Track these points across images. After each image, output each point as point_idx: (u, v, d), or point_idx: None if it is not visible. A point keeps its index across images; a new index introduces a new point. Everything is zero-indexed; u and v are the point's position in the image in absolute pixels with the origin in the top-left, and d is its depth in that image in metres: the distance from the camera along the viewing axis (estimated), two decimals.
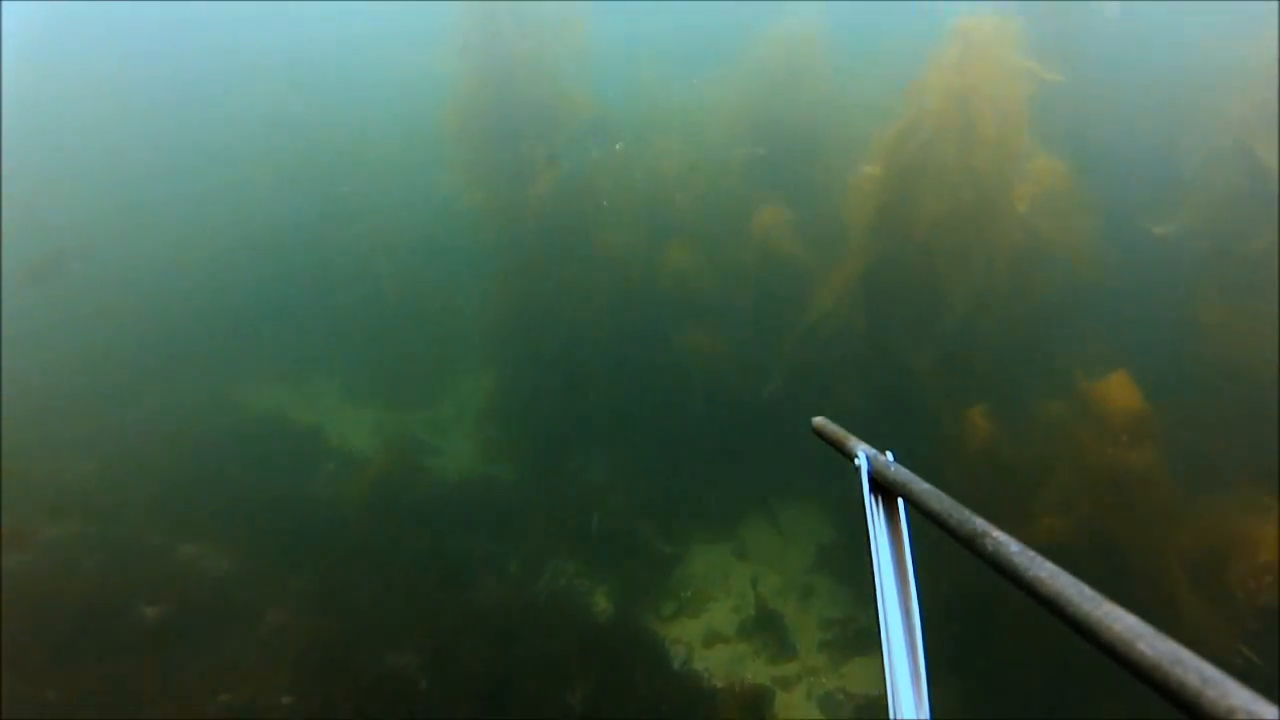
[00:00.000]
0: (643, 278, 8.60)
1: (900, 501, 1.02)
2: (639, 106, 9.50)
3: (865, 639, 6.81)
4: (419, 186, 9.98)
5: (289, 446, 9.28)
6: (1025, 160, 7.22)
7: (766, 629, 7.04)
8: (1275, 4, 7.74)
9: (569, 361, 8.79)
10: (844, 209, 7.88)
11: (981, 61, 6.86)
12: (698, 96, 9.01)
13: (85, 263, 10.50)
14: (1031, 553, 0.71)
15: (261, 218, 10.51)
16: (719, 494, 8.10)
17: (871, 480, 1.06)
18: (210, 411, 9.49)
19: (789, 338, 7.82)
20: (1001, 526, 0.77)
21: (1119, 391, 5.82)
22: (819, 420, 1.33)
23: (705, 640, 6.99)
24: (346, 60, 11.80)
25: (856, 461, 1.10)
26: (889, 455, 1.08)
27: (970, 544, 0.79)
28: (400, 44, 10.38)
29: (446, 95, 9.17)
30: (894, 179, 7.34)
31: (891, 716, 0.90)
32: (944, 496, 0.89)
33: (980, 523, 0.79)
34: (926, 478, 0.96)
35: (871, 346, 7.63)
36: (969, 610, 5.65)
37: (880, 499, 1.05)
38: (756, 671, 6.69)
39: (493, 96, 8.94)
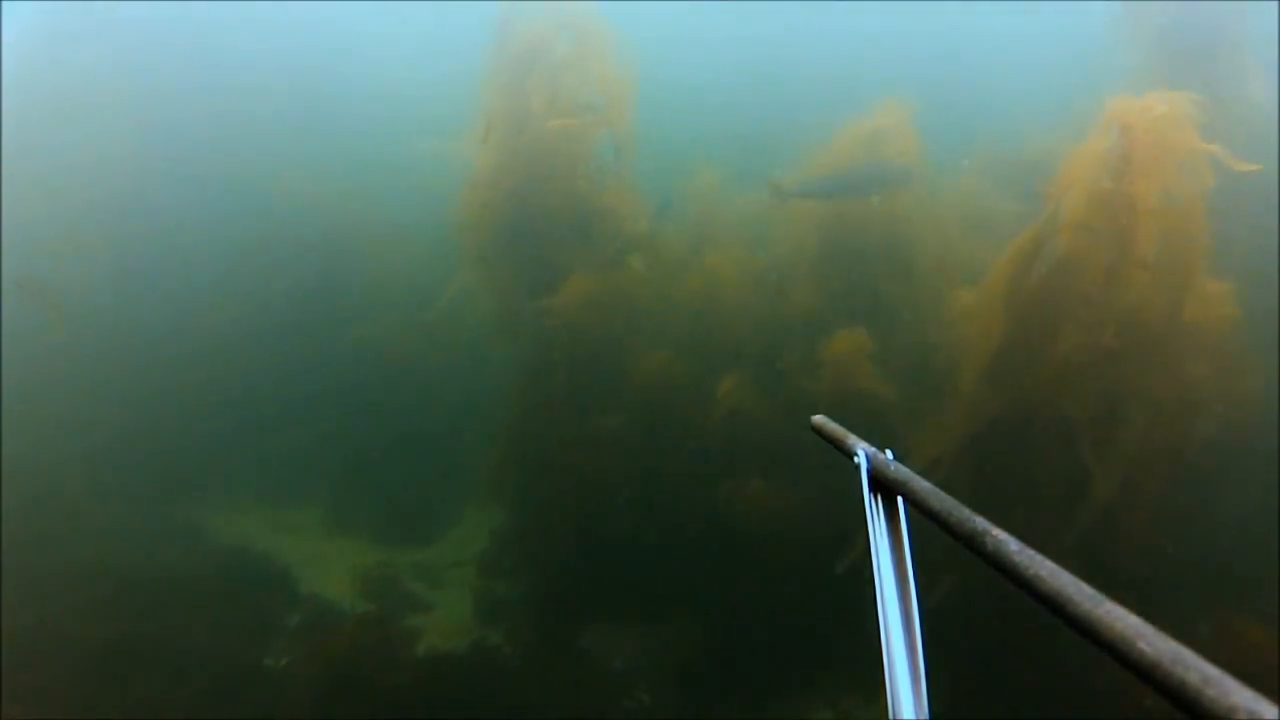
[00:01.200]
0: (685, 412, 7.04)
1: (900, 500, 1.00)
2: (691, 209, 8.17)
3: None
4: (428, 292, 8.61)
5: (251, 592, 7.69)
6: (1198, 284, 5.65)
7: None
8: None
9: (590, 508, 7.17)
10: (946, 344, 6.34)
11: (1145, 155, 5.36)
12: (763, 202, 7.58)
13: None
14: (1031, 551, 0.70)
15: (248, 316, 9.17)
16: (778, 701, 6.30)
17: (871, 479, 1.04)
18: (161, 542, 7.96)
19: None
20: None
21: None
22: (818, 418, 1.28)
23: None
24: (353, 141, 10.67)
25: (856, 460, 1.08)
26: (889, 453, 1.05)
27: (970, 543, 0.78)
28: (416, 127, 9.13)
29: (464, 188, 7.88)
30: (1015, 308, 5.80)
31: (891, 716, 0.88)
32: (944, 495, 0.88)
33: (980, 521, 0.79)
34: None
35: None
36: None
37: (880, 498, 1.02)
38: None
39: (517, 192, 7.63)
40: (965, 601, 5.40)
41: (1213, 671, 0.51)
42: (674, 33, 13.51)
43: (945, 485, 0.86)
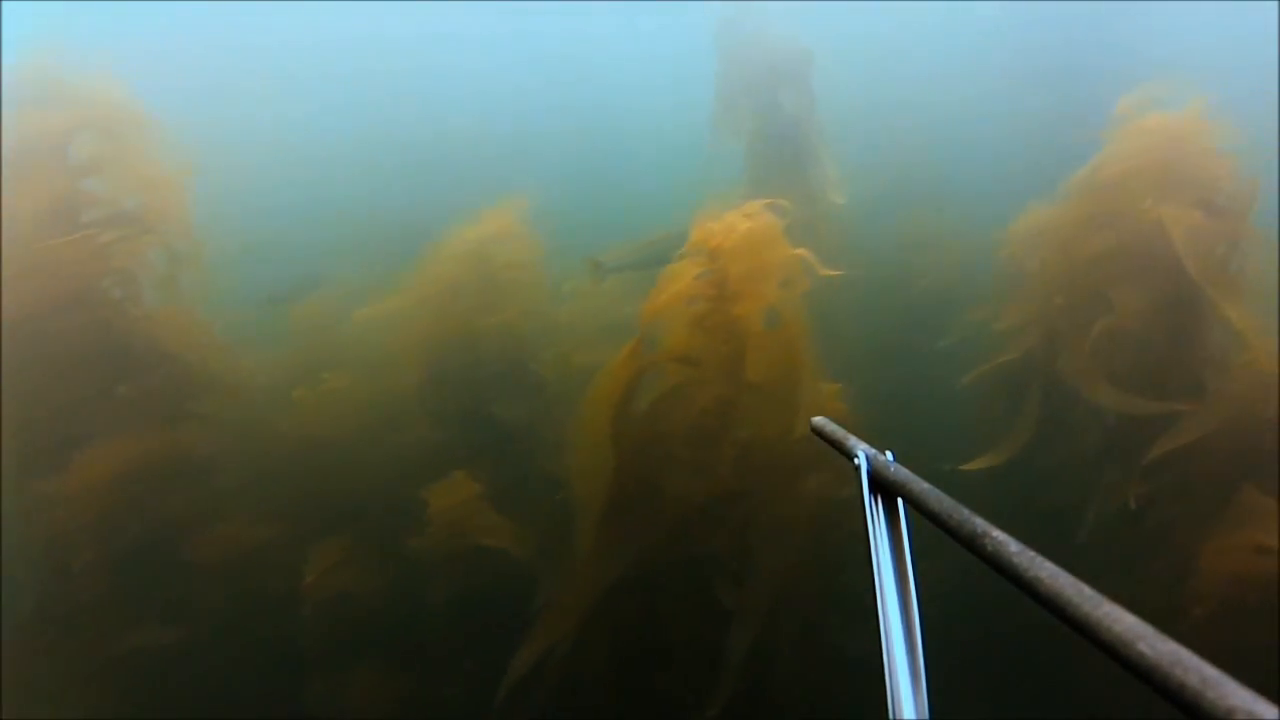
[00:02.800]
0: (272, 602, 5.54)
1: (900, 501, 1.01)
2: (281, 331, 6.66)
3: None
4: None
5: None
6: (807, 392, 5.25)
7: None
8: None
9: None
10: (569, 480, 5.45)
11: (739, 274, 4.82)
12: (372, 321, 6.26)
13: None
14: (1031, 553, 0.71)
15: None
16: None
17: (871, 480, 1.05)
18: None
19: None
20: None
21: None
22: (818, 420, 1.30)
23: None
24: None
25: (856, 461, 1.09)
26: (889, 455, 1.07)
27: (970, 544, 0.79)
28: None
29: None
30: (625, 448, 5.05)
31: (891, 716, 0.88)
32: (944, 496, 0.89)
33: (980, 523, 0.79)
34: None
35: None
36: None
37: (880, 499, 1.03)
38: None
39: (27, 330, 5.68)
40: None
41: (1212, 673, 0.51)
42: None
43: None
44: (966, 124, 8.73)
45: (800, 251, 4.89)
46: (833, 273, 5.02)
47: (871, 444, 1.12)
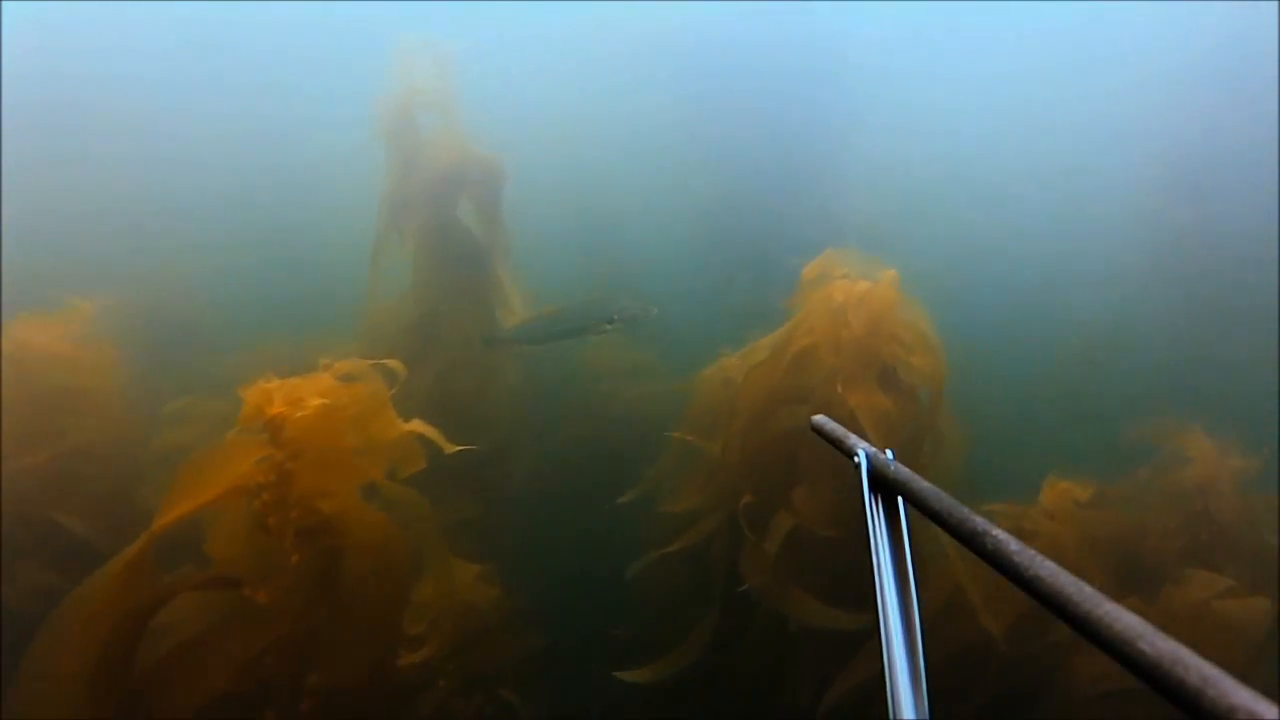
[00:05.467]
0: None
1: (900, 500, 1.00)
2: None
3: None
4: None
5: None
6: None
7: None
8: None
9: None
10: None
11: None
12: None
13: None
14: (1031, 552, 0.70)
15: None
16: None
17: (871, 479, 1.04)
18: None
19: None
20: None
21: None
22: (818, 418, 1.28)
23: None
24: None
25: (856, 460, 1.08)
26: (889, 454, 1.06)
27: (970, 543, 0.78)
28: None
29: None
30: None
31: (891, 716, 0.87)
32: (944, 495, 0.88)
33: (980, 521, 0.79)
34: None
35: None
36: None
37: (880, 498, 1.02)
38: None
39: None
40: None
41: (1212, 672, 0.51)
42: None
43: None
44: (659, 260, 8.19)
45: (415, 427, 3.56)
46: (462, 448, 3.75)
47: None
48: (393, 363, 3.68)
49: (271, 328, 7.12)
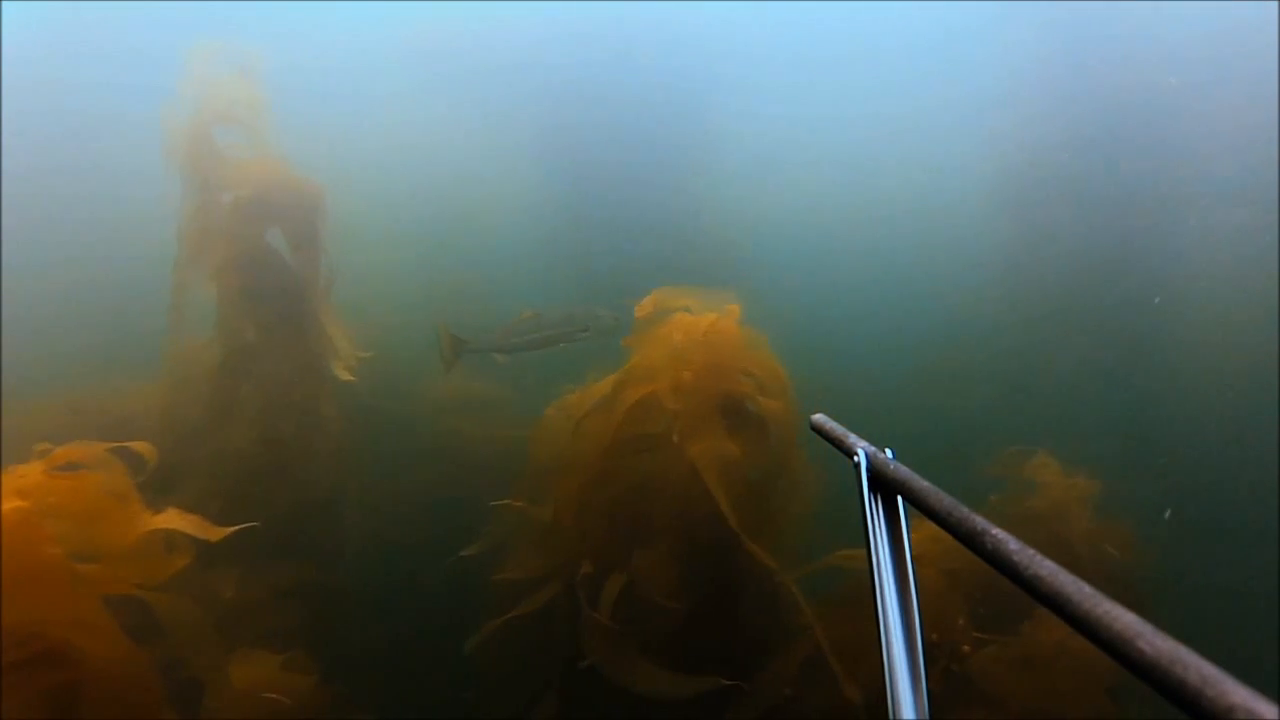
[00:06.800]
0: None
1: (900, 500, 0.99)
2: None
3: None
4: None
5: None
6: None
7: None
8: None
9: None
10: None
11: None
12: None
13: None
14: (1031, 551, 0.70)
15: None
16: None
17: (871, 478, 1.03)
18: None
19: None
20: None
21: None
22: (818, 417, 1.27)
23: None
24: None
25: (855, 459, 1.06)
26: (889, 453, 1.04)
27: (970, 542, 0.77)
28: None
29: None
30: None
31: (891, 716, 0.87)
32: (943, 495, 0.87)
33: (980, 521, 0.78)
34: None
35: None
36: None
37: (879, 497, 1.01)
38: None
39: None
40: None
41: (1212, 671, 0.51)
42: None
43: None
44: (500, 293, 7.62)
45: (166, 521, 2.92)
46: (224, 532, 3.12)
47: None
48: (139, 445, 3.01)
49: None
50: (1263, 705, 0.48)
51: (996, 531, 0.75)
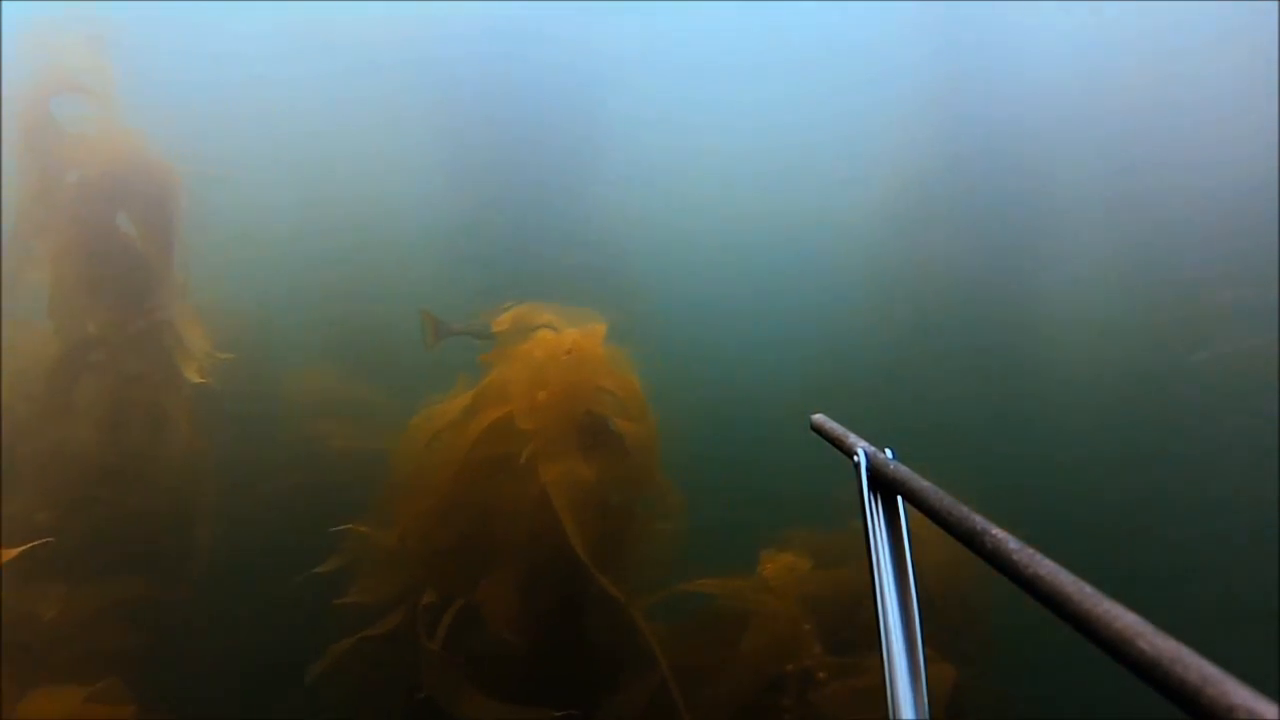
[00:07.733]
0: None
1: (899, 499, 0.99)
2: None
3: None
4: None
5: None
6: None
7: None
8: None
9: None
10: None
11: None
12: None
13: None
14: (1030, 550, 0.69)
15: None
16: None
17: (870, 478, 1.02)
18: None
19: None
20: None
21: None
22: (818, 417, 1.26)
23: None
24: None
25: (855, 459, 1.06)
26: (888, 453, 1.04)
27: (969, 541, 0.77)
28: None
29: None
30: None
31: (891, 716, 0.86)
32: (943, 494, 0.86)
33: (980, 520, 0.77)
34: None
35: None
36: None
37: (879, 497, 1.01)
38: None
39: None
40: None
41: (1212, 671, 0.51)
42: None
43: None
44: (373, 295, 7.24)
45: None
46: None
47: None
48: None
49: None
50: (1263, 705, 0.48)
51: (996, 531, 0.74)
